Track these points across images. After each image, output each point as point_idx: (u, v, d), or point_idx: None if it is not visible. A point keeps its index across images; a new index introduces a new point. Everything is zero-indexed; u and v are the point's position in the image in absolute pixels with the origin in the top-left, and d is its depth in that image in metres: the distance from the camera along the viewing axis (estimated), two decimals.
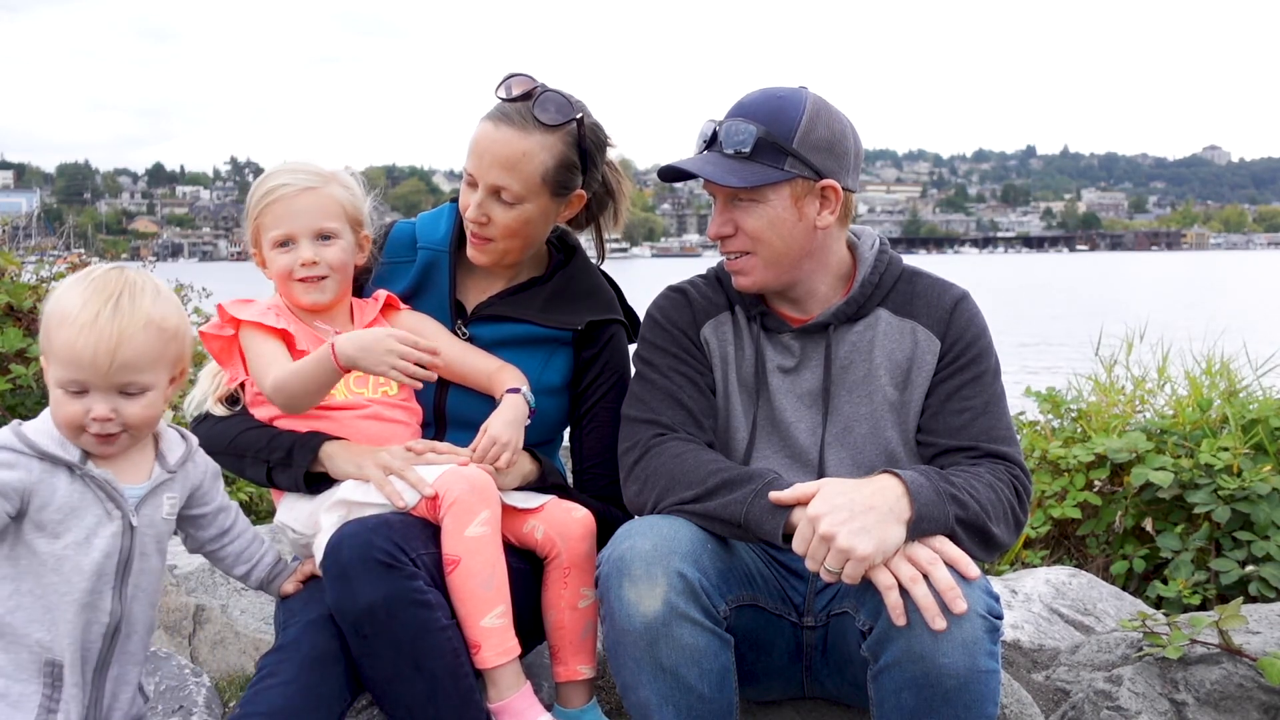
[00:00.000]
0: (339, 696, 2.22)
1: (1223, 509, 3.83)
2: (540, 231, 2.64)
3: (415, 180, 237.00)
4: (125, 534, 2.02)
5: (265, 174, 2.57)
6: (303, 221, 2.49)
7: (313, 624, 2.26)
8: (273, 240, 2.50)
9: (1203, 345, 5.37)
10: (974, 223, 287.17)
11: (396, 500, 2.33)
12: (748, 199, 2.35)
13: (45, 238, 8.49)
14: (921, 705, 2.05)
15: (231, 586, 3.23)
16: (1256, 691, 2.64)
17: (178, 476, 2.13)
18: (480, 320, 2.66)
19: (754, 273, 2.40)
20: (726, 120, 2.35)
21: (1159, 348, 5.55)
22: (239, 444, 2.48)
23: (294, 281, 2.50)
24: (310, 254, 2.48)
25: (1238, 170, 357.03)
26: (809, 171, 2.33)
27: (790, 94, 2.35)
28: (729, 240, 2.40)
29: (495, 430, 2.45)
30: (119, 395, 1.97)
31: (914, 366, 2.41)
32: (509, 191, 2.51)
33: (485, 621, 2.26)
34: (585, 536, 2.48)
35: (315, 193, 2.50)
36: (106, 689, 2.06)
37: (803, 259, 2.40)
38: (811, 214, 2.36)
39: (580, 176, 2.60)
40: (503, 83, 2.56)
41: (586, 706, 2.49)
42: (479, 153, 2.52)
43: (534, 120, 2.50)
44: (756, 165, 2.32)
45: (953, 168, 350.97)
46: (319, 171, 2.54)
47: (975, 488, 2.20)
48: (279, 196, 2.49)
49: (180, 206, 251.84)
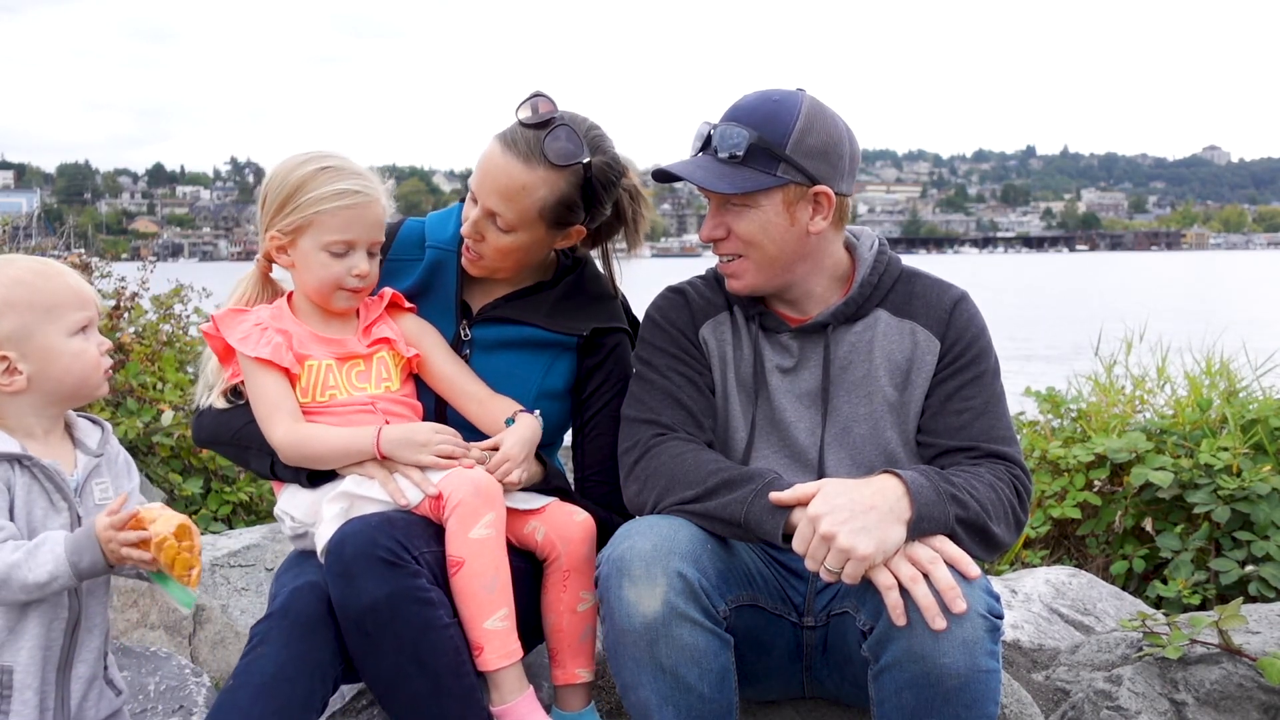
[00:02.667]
0: (331, 662, 2.21)
1: (1222, 509, 3.83)
2: (534, 256, 2.62)
3: (415, 180, 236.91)
4: (74, 525, 1.99)
5: (322, 167, 2.45)
6: (368, 233, 2.45)
7: (298, 590, 2.26)
8: (327, 243, 2.43)
9: (1202, 345, 5.37)
10: (974, 223, 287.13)
11: (399, 498, 2.33)
12: (740, 204, 2.35)
13: (45, 238, 8.50)
14: (922, 705, 2.05)
15: (231, 586, 3.23)
16: (1256, 691, 2.64)
17: (104, 460, 2.09)
18: (485, 322, 2.65)
19: (746, 276, 2.40)
20: (721, 124, 2.35)
21: (1159, 348, 5.55)
22: (243, 436, 2.48)
23: (338, 290, 2.47)
24: (367, 266, 2.46)
25: (1237, 170, 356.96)
26: (801, 177, 2.32)
27: (786, 98, 2.34)
28: (721, 243, 2.40)
29: (509, 448, 2.43)
30: None
31: (913, 367, 2.41)
32: (503, 219, 2.49)
33: (488, 624, 2.26)
34: (586, 540, 2.47)
35: (379, 205, 2.47)
36: (73, 688, 2.02)
37: (796, 262, 2.40)
38: (804, 219, 2.36)
39: (582, 214, 2.56)
40: (525, 102, 2.50)
41: (584, 710, 2.48)
42: (483, 174, 2.50)
43: (540, 155, 2.44)
44: (749, 170, 2.31)
45: (953, 168, 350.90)
46: (375, 178, 2.50)
47: (975, 488, 2.20)
48: (353, 204, 2.42)
49: (180, 206, 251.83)
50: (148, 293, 5.92)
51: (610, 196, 2.60)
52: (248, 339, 2.44)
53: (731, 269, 2.42)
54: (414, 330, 2.59)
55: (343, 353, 2.50)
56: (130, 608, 3.15)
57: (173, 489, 5.21)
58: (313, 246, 2.44)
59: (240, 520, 5.19)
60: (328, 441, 2.38)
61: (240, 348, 2.43)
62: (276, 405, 2.40)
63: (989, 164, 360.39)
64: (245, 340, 2.44)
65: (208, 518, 5.10)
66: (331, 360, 2.48)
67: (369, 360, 2.51)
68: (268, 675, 2.14)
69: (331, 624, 2.22)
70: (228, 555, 3.41)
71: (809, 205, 2.35)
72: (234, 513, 5.22)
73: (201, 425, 2.59)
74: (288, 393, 2.43)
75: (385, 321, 2.57)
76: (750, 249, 2.37)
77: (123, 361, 5.26)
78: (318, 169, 2.44)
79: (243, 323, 2.47)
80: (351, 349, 2.51)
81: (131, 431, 5.02)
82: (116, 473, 2.12)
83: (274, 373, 2.42)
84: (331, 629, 2.22)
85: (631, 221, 2.70)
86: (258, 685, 2.14)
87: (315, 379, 2.46)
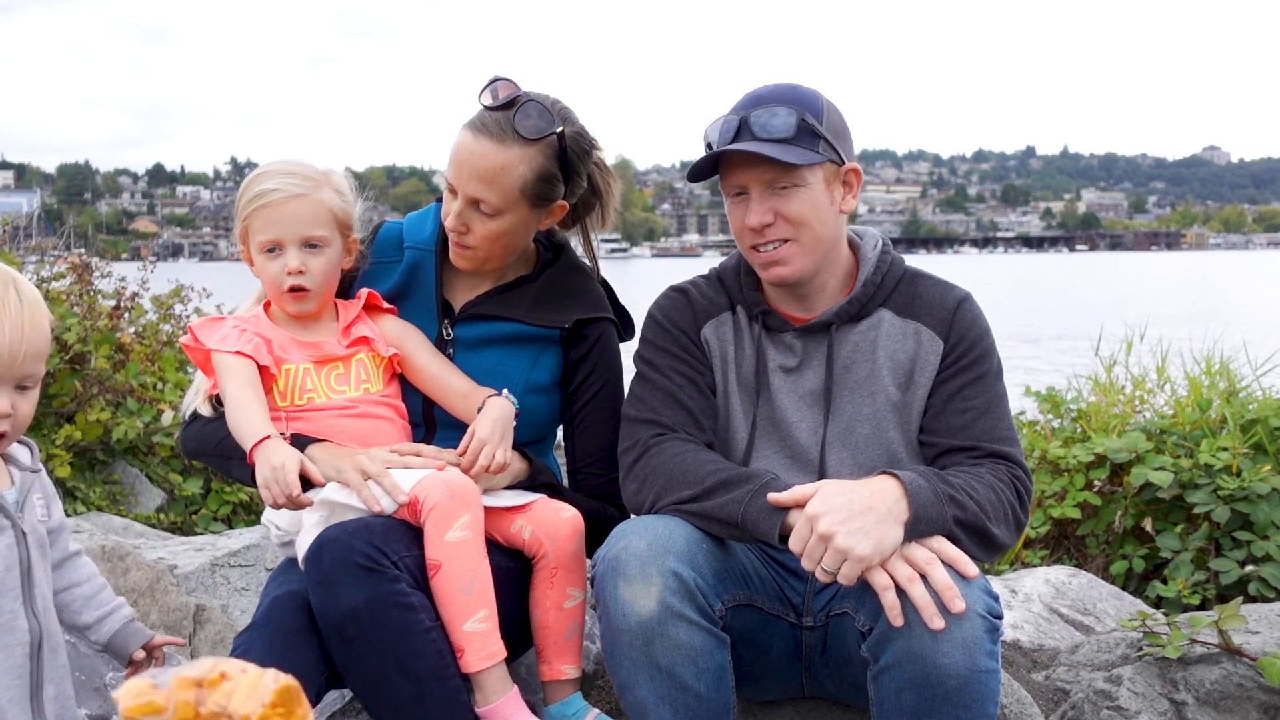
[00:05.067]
0: (315, 669, 2.20)
1: (1222, 509, 3.83)
2: (522, 239, 2.62)
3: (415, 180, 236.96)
4: (20, 543, 1.90)
5: (256, 173, 2.52)
6: (291, 229, 2.46)
7: (279, 600, 2.26)
8: (260, 245, 2.48)
9: (1202, 345, 5.37)
10: (974, 223, 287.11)
11: (373, 505, 2.32)
12: (790, 184, 2.33)
13: (46, 238, 8.51)
14: (922, 705, 2.05)
15: (231, 586, 3.23)
16: (1256, 691, 2.64)
17: (39, 478, 2.01)
18: (467, 319, 2.65)
19: (794, 260, 2.37)
20: (760, 109, 2.33)
21: (1159, 348, 5.55)
22: (224, 446, 2.47)
23: (282, 292, 2.48)
24: (297, 262, 2.46)
25: (1237, 170, 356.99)
26: (837, 155, 2.36)
27: (801, 85, 2.39)
28: (769, 229, 2.35)
29: (482, 432, 2.43)
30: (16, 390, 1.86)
31: (917, 367, 2.41)
32: (487, 204, 2.48)
33: (468, 626, 2.25)
34: (573, 536, 2.47)
35: (305, 199, 2.46)
36: (48, 710, 1.92)
37: (832, 246, 2.41)
38: (839, 199, 2.39)
39: (562, 187, 2.56)
40: (485, 88, 2.51)
41: (569, 698, 2.47)
42: (459, 163, 2.49)
43: (513, 132, 2.45)
44: (796, 148, 2.31)
45: (953, 168, 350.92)
46: (310, 175, 2.50)
47: (975, 488, 2.20)
48: (268, 202, 2.45)
49: (180, 206, 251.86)
50: (148, 293, 5.92)
51: (585, 167, 2.61)
52: (227, 339, 2.45)
53: (779, 255, 2.37)
54: (395, 331, 2.59)
55: (320, 356, 2.50)
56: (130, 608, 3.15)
57: (173, 489, 5.21)
58: (255, 251, 2.50)
59: (240, 520, 5.19)
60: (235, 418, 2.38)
61: (220, 346, 2.44)
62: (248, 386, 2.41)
63: (989, 164, 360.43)
64: (225, 340, 2.44)
65: (208, 518, 5.11)
66: (309, 364, 2.49)
67: (347, 363, 2.52)
68: None
69: (314, 632, 2.21)
70: (228, 555, 3.41)
71: (840, 184, 2.38)
72: (234, 513, 5.23)
73: (187, 437, 2.60)
74: (259, 386, 2.43)
75: (364, 321, 2.56)
76: (800, 230, 2.35)
77: (123, 361, 5.27)
78: (253, 176, 2.51)
79: (221, 328, 2.49)
80: (329, 352, 2.51)
81: (131, 431, 5.02)
82: (48, 492, 2.05)
83: (250, 371, 2.42)
84: (314, 637, 2.21)
85: (604, 194, 2.71)
86: None
87: (293, 383, 2.47)
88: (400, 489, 2.31)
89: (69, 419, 5.11)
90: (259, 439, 2.34)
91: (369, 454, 2.38)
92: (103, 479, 5.10)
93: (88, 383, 5.07)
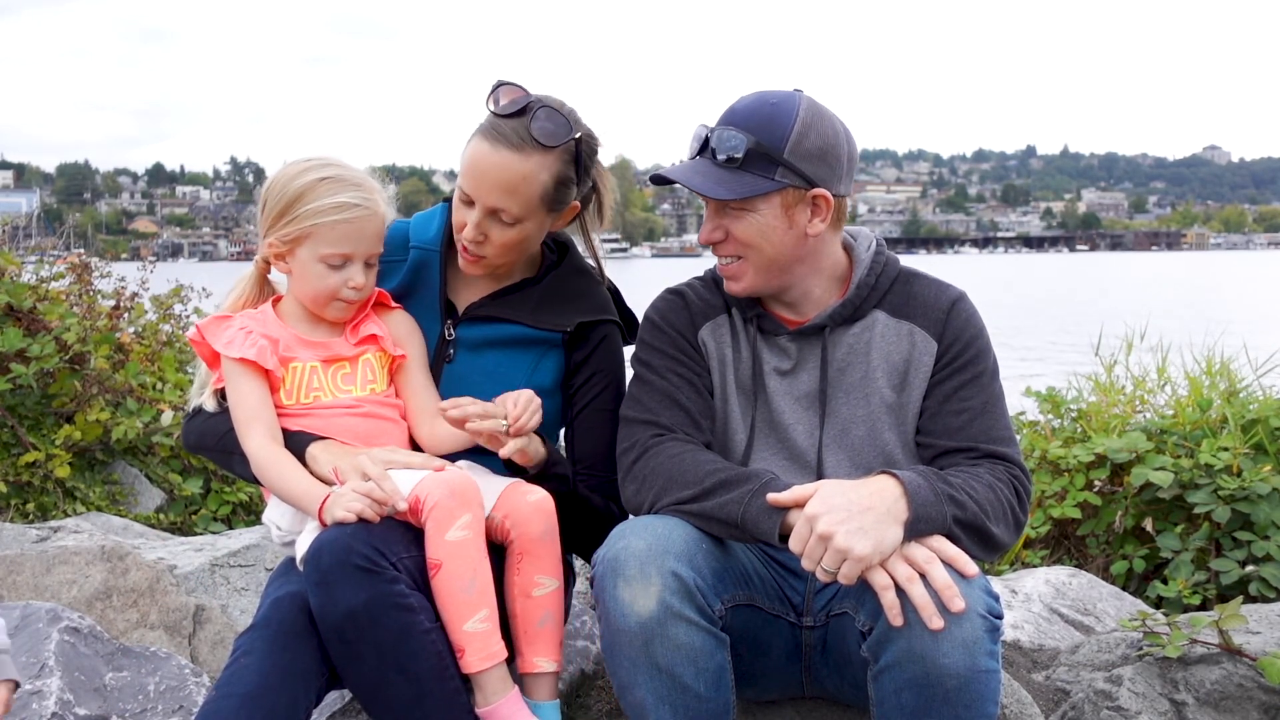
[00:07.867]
0: (315, 671, 2.20)
1: (1223, 509, 3.83)
2: (535, 244, 2.63)
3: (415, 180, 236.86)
4: None
5: (325, 176, 2.44)
6: (367, 247, 2.45)
7: (279, 601, 2.25)
8: (325, 255, 2.42)
9: (1203, 345, 5.37)
10: (974, 223, 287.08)
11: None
12: (738, 208, 2.34)
13: (45, 238, 8.51)
14: (922, 705, 2.05)
15: (231, 586, 3.23)
16: (1256, 691, 2.64)
17: None
18: (471, 321, 2.65)
19: (745, 278, 2.40)
20: (718, 128, 2.34)
21: (1159, 348, 5.55)
22: (227, 442, 2.47)
23: (333, 302, 2.47)
24: (363, 279, 2.45)
25: (1238, 170, 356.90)
26: (800, 180, 2.32)
27: (783, 100, 2.33)
28: (720, 246, 2.40)
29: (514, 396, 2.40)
30: None
31: (911, 368, 2.41)
32: (508, 213, 2.47)
33: (468, 626, 2.24)
34: (539, 518, 2.40)
35: (379, 218, 2.45)
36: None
37: (794, 264, 2.40)
38: (802, 222, 2.35)
39: (576, 190, 2.56)
40: (492, 94, 2.49)
41: (544, 704, 2.40)
42: (476, 174, 2.46)
43: (531, 140, 2.43)
44: (747, 175, 2.31)
45: (953, 168, 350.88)
46: (376, 188, 2.47)
47: (974, 488, 2.20)
48: (351, 217, 2.41)
49: (180, 206, 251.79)
50: (147, 293, 5.93)
51: (594, 167, 2.61)
52: (233, 343, 2.44)
53: (730, 271, 2.42)
54: (403, 331, 2.58)
55: (328, 355, 2.49)
56: (130, 608, 3.15)
57: (173, 489, 5.21)
58: (310, 257, 2.44)
59: (240, 520, 5.19)
60: (285, 481, 2.35)
61: (225, 351, 2.43)
62: (255, 415, 2.40)
63: (989, 164, 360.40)
64: (230, 344, 2.43)
65: (207, 518, 5.11)
66: (316, 362, 2.48)
67: (354, 363, 2.51)
68: (251, 686, 2.14)
69: (314, 633, 2.21)
70: (228, 555, 3.41)
71: (807, 208, 2.35)
72: (234, 513, 5.23)
73: (189, 431, 2.59)
74: (267, 404, 2.42)
75: (372, 319, 2.56)
76: (748, 251, 2.37)
77: (122, 361, 5.27)
78: (318, 179, 2.42)
79: (228, 328, 2.47)
80: (337, 351, 2.50)
81: (131, 431, 5.02)
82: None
83: (255, 379, 2.41)
84: (314, 638, 2.21)
85: (602, 190, 2.70)
86: (241, 695, 2.13)
87: (299, 381, 2.46)
88: (399, 494, 2.30)
89: (68, 419, 5.11)
90: (321, 500, 2.30)
91: (369, 454, 2.37)
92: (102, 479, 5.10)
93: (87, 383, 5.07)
